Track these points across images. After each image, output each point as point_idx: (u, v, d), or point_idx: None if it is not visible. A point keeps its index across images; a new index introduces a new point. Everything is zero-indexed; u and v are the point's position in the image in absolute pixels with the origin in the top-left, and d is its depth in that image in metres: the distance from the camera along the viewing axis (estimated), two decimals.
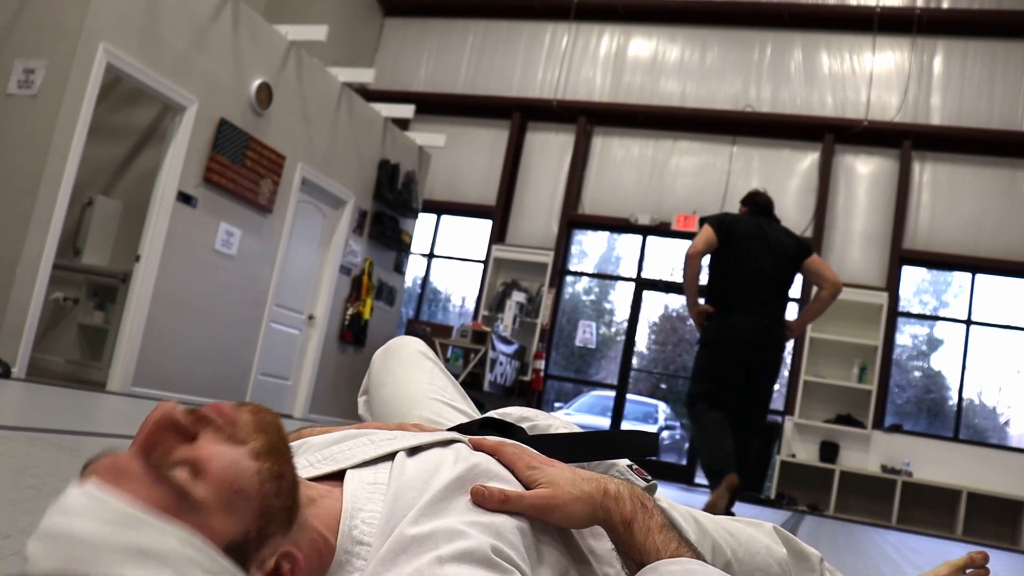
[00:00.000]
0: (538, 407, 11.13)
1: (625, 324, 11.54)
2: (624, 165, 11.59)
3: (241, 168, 7.49)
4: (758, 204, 5.55)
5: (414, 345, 1.79)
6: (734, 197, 10.89)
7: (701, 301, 5.50)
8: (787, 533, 1.57)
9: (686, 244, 11.21)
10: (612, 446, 1.36)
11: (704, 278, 5.51)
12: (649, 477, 1.40)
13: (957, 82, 10.55)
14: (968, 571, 1.79)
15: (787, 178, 10.95)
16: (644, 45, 11.78)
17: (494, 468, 1.06)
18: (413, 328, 11.05)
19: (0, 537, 1.37)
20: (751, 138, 11.15)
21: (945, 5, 10.62)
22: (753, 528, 1.58)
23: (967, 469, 9.60)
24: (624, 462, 1.40)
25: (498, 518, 0.97)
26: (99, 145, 7.21)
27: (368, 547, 0.95)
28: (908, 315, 10.60)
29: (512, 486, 1.04)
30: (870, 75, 10.79)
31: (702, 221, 5.61)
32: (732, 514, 5.31)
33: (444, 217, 12.38)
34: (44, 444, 2.76)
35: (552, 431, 1.42)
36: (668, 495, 5.41)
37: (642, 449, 1.36)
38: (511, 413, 1.47)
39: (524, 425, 1.41)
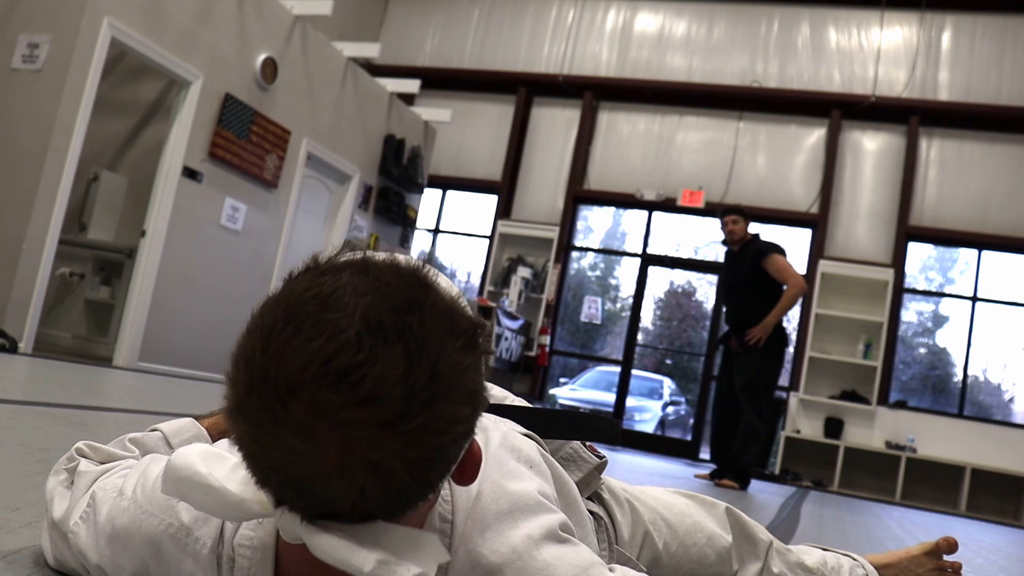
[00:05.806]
0: (544, 382, 11.20)
1: (630, 300, 11.53)
2: (630, 140, 11.54)
3: (246, 143, 7.48)
4: None
5: None
6: (740, 173, 10.86)
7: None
8: (740, 516, 1.51)
9: (692, 220, 11.23)
10: (573, 427, 1.33)
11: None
12: (602, 455, 1.37)
13: (965, 58, 10.47)
14: (945, 557, 1.78)
15: (793, 154, 10.90)
16: (650, 20, 11.70)
17: (518, 443, 1.06)
18: None
19: (9, 510, 1.38)
20: (758, 114, 11.10)
21: None
22: (703, 511, 1.53)
23: (971, 445, 9.61)
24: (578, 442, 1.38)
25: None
26: (104, 120, 7.19)
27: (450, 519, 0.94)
28: (914, 291, 10.59)
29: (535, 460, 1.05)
30: (878, 50, 10.72)
31: (780, 251, 6.33)
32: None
33: (450, 192, 12.36)
34: (51, 418, 2.77)
35: (508, 403, 1.37)
36: (673, 470, 5.42)
37: (604, 435, 1.33)
38: None
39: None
